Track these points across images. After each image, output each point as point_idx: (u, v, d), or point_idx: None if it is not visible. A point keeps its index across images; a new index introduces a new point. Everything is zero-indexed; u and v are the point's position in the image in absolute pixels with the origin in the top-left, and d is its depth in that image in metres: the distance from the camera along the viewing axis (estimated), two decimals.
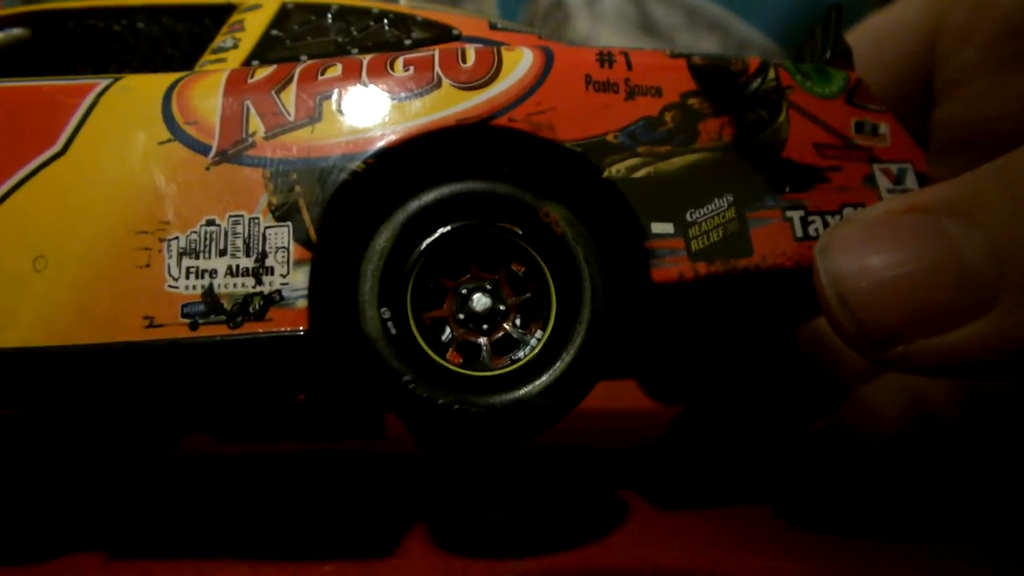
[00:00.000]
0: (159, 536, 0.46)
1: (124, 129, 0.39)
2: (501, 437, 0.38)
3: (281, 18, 0.45)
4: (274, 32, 0.44)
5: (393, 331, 0.37)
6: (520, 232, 0.40)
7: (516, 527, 0.47)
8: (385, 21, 0.45)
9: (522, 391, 0.38)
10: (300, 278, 0.37)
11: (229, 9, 0.46)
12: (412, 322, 0.38)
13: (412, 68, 0.40)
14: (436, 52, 0.41)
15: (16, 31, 0.46)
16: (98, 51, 0.46)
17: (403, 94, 0.39)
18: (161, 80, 0.40)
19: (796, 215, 0.41)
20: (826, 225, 0.41)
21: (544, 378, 0.38)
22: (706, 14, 1.13)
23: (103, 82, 0.40)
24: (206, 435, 0.51)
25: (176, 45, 0.46)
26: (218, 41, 0.44)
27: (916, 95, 0.50)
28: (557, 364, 0.39)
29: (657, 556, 0.41)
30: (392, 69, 0.40)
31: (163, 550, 0.43)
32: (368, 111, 0.39)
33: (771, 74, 0.43)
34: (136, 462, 0.62)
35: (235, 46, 0.44)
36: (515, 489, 0.54)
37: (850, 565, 0.40)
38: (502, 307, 0.40)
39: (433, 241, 0.39)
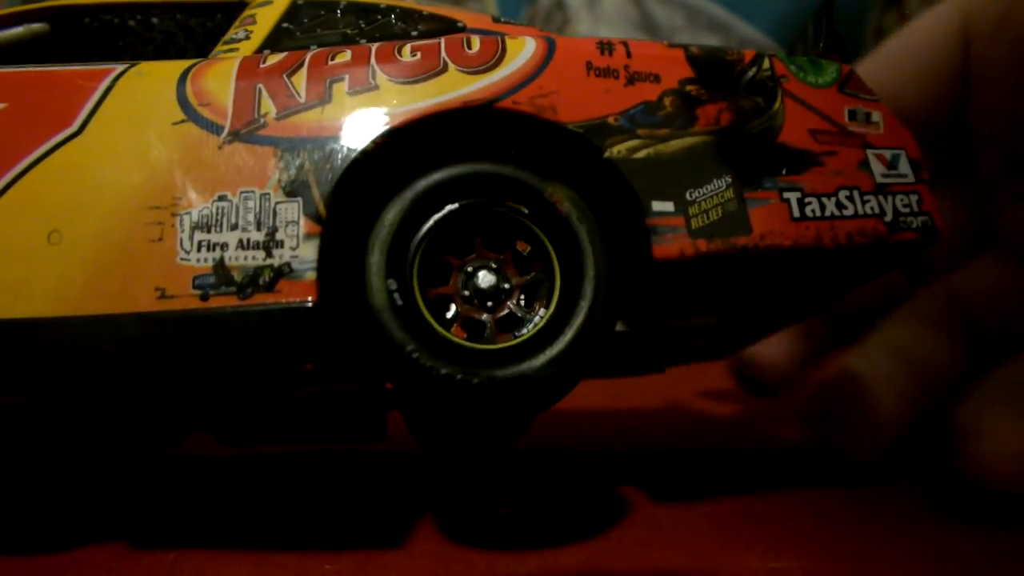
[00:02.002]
0: (162, 532, 0.46)
1: (139, 111, 0.40)
2: (502, 410, 0.38)
3: (291, 12, 0.46)
4: (285, 25, 0.46)
5: (399, 302, 0.38)
6: (526, 211, 0.41)
7: (519, 524, 0.47)
8: (392, 16, 0.47)
9: (524, 365, 0.38)
10: (309, 251, 0.37)
11: (241, 5, 0.48)
12: (418, 294, 0.39)
13: (419, 54, 0.41)
14: (442, 40, 0.42)
15: (35, 26, 0.47)
16: (113, 45, 0.47)
17: (411, 77, 0.41)
18: (175, 66, 0.42)
19: (793, 196, 0.42)
20: (822, 206, 0.43)
21: (547, 353, 0.39)
22: (707, 14, 1.15)
23: (119, 67, 0.41)
24: (209, 435, 0.51)
25: (189, 39, 0.47)
26: (231, 33, 0.46)
27: (956, 94, 0.54)
28: (560, 339, 0.39)
29: (658, 556, 0.41)
30: (400, 55, 0.42)
31: (166, 546, 0.43)
32: (377, 93, 0.40)
33: (766, 64, 0.45)
34: (139, 461, 0.62)
35: (247, 37, 0.45)
36: (518, 488, 0.54)
37: (850, 565, 0.40)
38: (506, 285, 0.41)
39: (441, 218, 0.40)
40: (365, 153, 0.39)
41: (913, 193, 0.44)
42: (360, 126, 0.39)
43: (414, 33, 0.46)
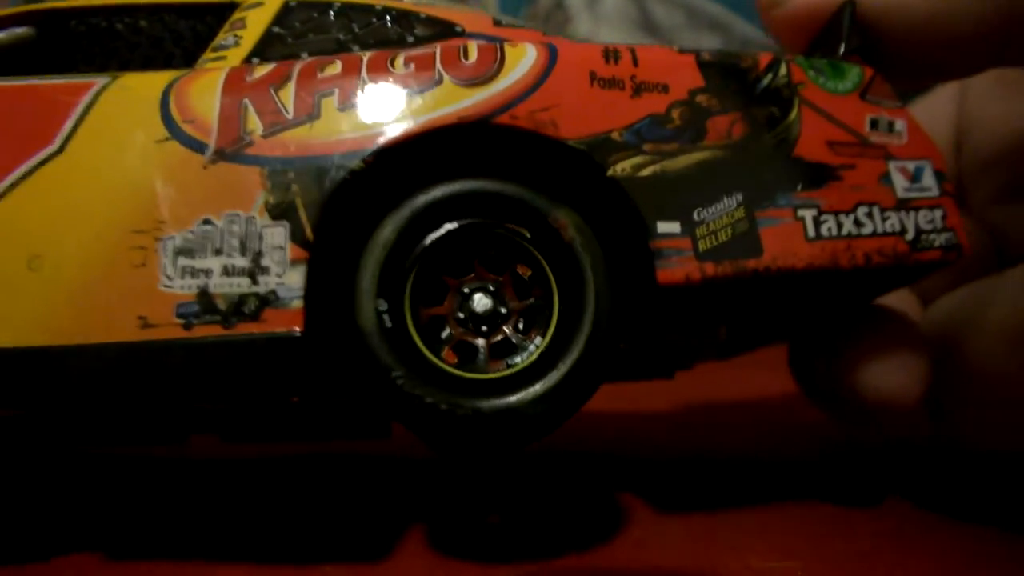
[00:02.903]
0: (159, 536, 0.45)
1: (121, 128, 0.38)
2: (487, 443, 0.37)
3: (283, 15, 0.44)
4: (276, 29, 0.44)
5: (388, 325, 0.36)
6: (528, 235, 0.39)
7: (515, 530, 0.46)
8: (388, 18, 0.44)
9: (513, 398, 0.37)
10: (296, 278, 0.36)
11: (232, 7, 0.46)
12: (408, 317, 0.37)
13: (413, 65, 0.39)
14: (438, 49, 0.40)
15: (20, 30, 0.45)
16: (100, 50, 0.45)
17: (403, 91, 0.38)
18: (159, 79, 0.40)
19: (808, 214, 0.40)
20: (839, 225, 0.40)
21: (537, 387, 0.37)
22: (707, 14, 1.12)
23: (101, 81, 0.40)
24: (212, 434, 0.50)
25: (178, 43, 0.45)
26: (219, 39, 0.44)
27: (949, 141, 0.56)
28: (553, 373, 0.37)
29: (657, 559, 0.40)
30: (392, 66, 0.39)
31: (163, 550, 0.43)
32: (368, 109, 0.38)
33: (782, 70, 0.42)
34: (138, 462, 0.62)
35: (236, 43, 0.43)
36: (515, 492, 0.53)
37: (850, 565, 0.39)
38: (503, 310, 0.39)
39: (438, 238, 0.38)
40: (353, 173, 0.37)
41: (937, 208, 0.42)
42: (350, 144, 0.37)
43: (410, 38, 0.44)
